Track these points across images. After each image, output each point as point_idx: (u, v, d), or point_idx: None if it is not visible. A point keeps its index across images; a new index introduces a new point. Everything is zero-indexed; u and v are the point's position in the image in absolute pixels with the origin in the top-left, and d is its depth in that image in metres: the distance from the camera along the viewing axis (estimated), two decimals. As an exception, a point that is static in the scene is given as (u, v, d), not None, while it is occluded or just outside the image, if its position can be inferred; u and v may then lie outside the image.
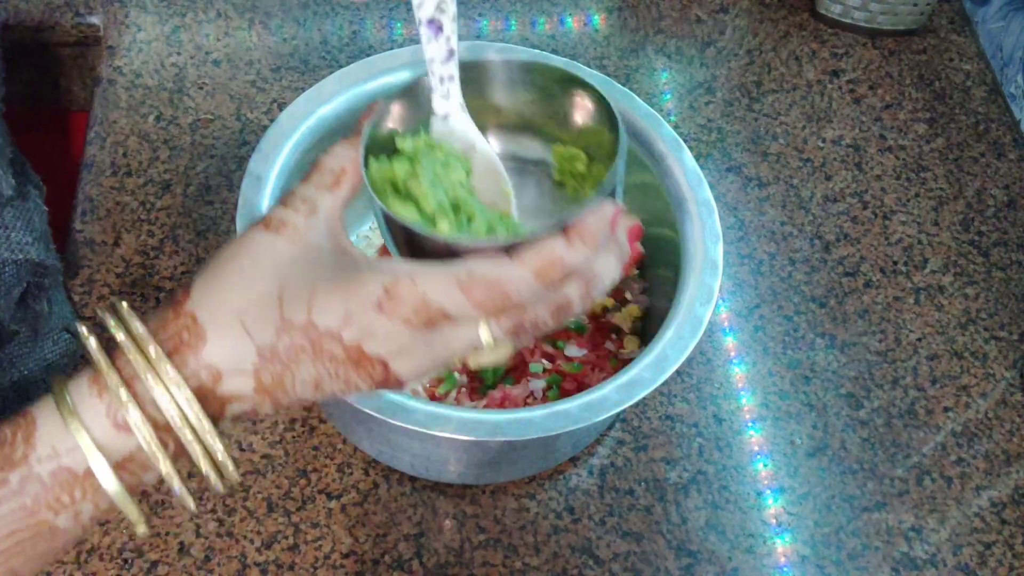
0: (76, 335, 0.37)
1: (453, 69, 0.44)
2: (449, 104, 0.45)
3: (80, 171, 0.78)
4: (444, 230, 0.41)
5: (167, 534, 0.61)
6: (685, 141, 0.64)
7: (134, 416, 0.34)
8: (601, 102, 0.44)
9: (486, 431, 0.52)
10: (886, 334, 0.75)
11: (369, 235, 0.74)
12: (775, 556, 0.64)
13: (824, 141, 0.86)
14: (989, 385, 0.73)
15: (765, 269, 0.78)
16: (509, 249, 0.37)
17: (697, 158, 0.64)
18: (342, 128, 0.63)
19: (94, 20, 0.88)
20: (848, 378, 0.73)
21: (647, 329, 0.68)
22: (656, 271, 0.69)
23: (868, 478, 0.68)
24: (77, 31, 0.89)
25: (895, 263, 0.79)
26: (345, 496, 0.64)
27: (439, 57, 0.44)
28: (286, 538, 0.62)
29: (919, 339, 0.75)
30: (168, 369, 0.34)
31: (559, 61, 0.46)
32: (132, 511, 0.36)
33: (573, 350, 0.66)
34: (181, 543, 0.61)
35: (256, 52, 0.85)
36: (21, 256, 0.62)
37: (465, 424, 0.52)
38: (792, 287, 0.77)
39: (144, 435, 0.34)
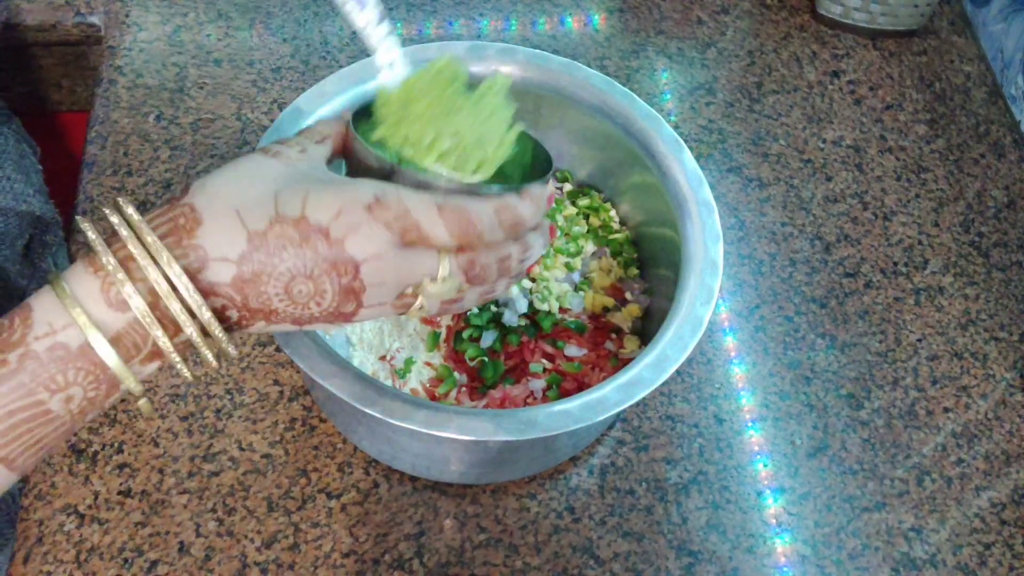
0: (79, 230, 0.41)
1: (387, 28, 0.49)
2: (392, 52, 0.49)
3: (81, 171, 0.78)
4: (429, 164, 0.46)
5: (167, 533, 0.61)
6: (686, 142, 0.64)
7: (128, 290, 0.37)
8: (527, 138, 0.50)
9: (486, 431, 0.52)
10: (886, 335, 0.75)
11: None
12: (775, 556, 0.64)
13: (825, 142, 0.86)
14: (989, 386, 0.73)
15: (765, 269, 0.78)
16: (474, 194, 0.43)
17: (698, 159, 0.64)
18: None
19: (95, 20, 0.88)
20: (848, 378, 0.73)
21: (647, 329, 0.68)
22: (656, 271, 0.69)
23: (868, 478, 0.68)
24: (78, 31, 0.89)
25: (895, 264, 0.79)
26: (345, 495, 0.64)
27: (372, 22, 0.48)
28: (286, 537, 0.62)
29: (919, 340, 0.75)
30: (163, 251, 0.37)
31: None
32: (130, 380, 0.38)
33: (573, 350, 0.66)
34: (181, 542, 0.61)
35: (257, 52, 0.85)
36: (24, 207, 0.62)
37: (465, 424, 0.52)
38: (792, 287, 0.77)
39: (138, 306, 0.37)
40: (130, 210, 0.39)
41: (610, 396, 0.54)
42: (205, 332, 0.39)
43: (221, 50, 0.85)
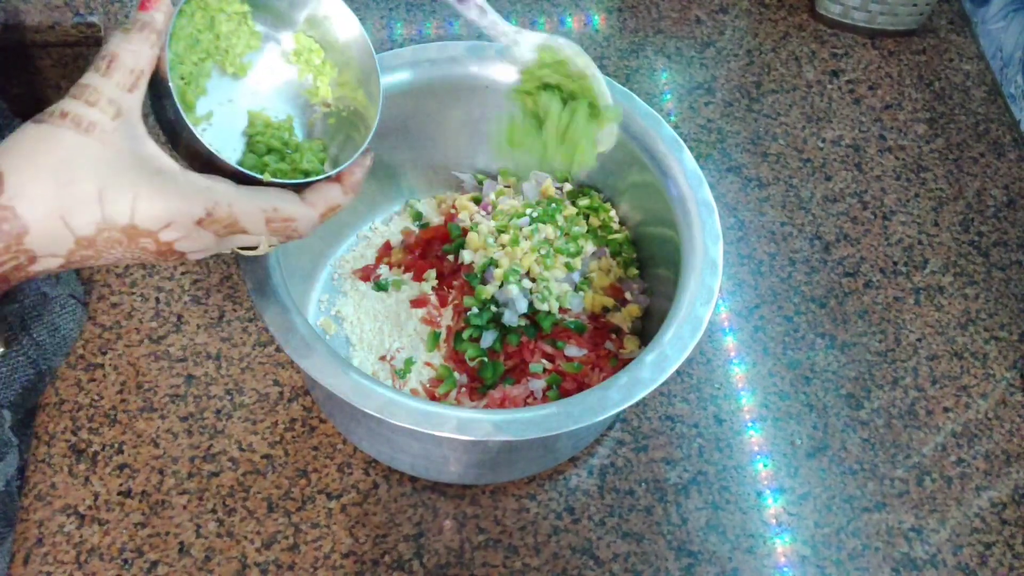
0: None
1: (502, 23, 0.58)
2: (511, 35, 0.59)
3: (80, 171, 0.78)
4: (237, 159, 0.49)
5: (167, 534, 0.61)
6: (685, 141, 0.64)
7: None
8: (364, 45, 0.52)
9: (486, 431, 0.52)
10: (886, 334, 0.75)
11: (369, 235, 0.74)
12: (775, 556, 0.64)
13: (824, 141, 0.86)
14: (989, 385, 0.73)
15: (765, 269, 0.78)
16: (298, 188, 0.47)
17: (697, 158, 0.64)
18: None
19: (94, 20, 0.88)
20: (848, 378, 0.73)
21: (647, 329, 0.68)
22: (656, 271, 0.69)
23: (868, 478, 0.68)
24: (77, 31, 0.88)
25: (895, 263, 0.79)
26: (345, 496, 0.64)
27: (495, 23, 0.58)
28: (286, 538, 0.62)
29: (919, 339, 0.75)
30: None
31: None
32: None
33: (573, 350, 0.66)
34: (181, 543, 0.61)
35: (256, 52, 0.85)
36: None
37: (465, 424, 0.52)
38: (792, 287, 0.77)
39: None
40: None
41: (610, 396, 0.54)
42: None
43: (220, 50, 0.85)
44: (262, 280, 0.56)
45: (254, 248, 0.46)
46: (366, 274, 0.71)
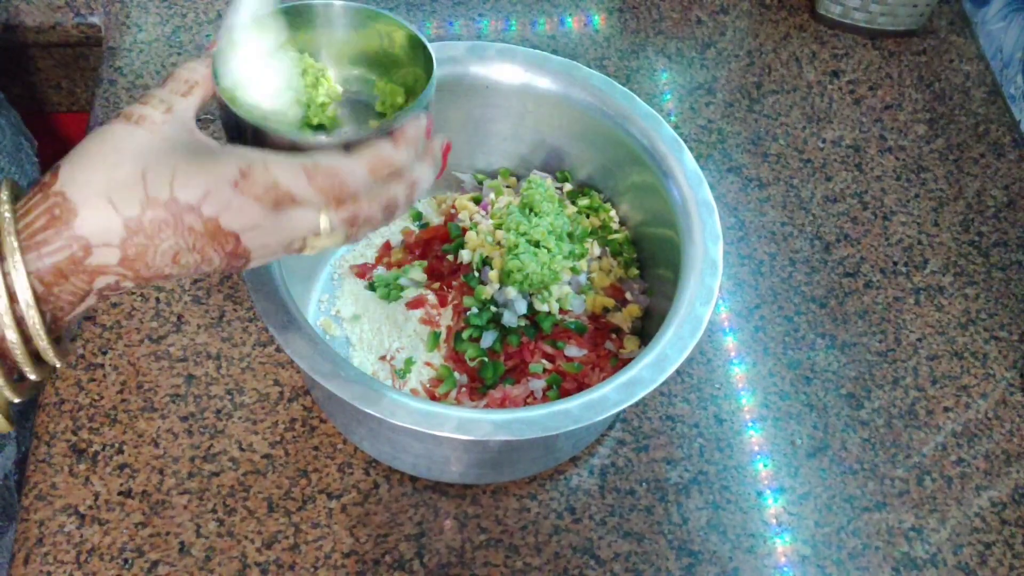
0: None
1: None
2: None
3: (81, 171, 0.78)
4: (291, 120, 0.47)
5: (167, 534, 0.61)
6: (685, 142, 0.64)
7: None
8: (418, 44, 0.49)
9: (486, 431, 0.52)
10: (886, 334, 0.75)
11: (369, 235, 0.74)
12: (776, 556, 0.64)
13: (824, 142, 0.86)
14: (989, 385, 0.73)
15: (765, 269, 0.78)
16: (347, 147, 0.43)
17: (697, 159, 0.64)
18: None
19: (95, 20, 0.88)
20: (848, 378, 0.73)
21: (647, 329, 0.68)
22: (656, 271, 0.69)
23: (868, 478, 0.68)
24: (78, 31, 0.89)
25: (895, 263, 0.79)
26: (346, 496, 0.64)
27: None
28: (287, 538, 0.62)
29: (919, 339, 0.75)
30: (15, 253, 0.38)
31: (385, 12, 0.51)
32: None
33: (573, 350, 0.66)
34: (181, 543, 0.61)
35: (257, 53, 0.85)
36: None
37: (465, 424, 0.52)
38: (792, 287, 0.77)
39: None
40: (4, 195, 0.39)
41: (610, 396, 0.54)
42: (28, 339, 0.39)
43: (221, 51, 0.85)
44: (262, 280, 0.56)
45: (319, 235, 0.43)
46: (363, 271, 0.71)
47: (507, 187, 0.74)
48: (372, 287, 0.71)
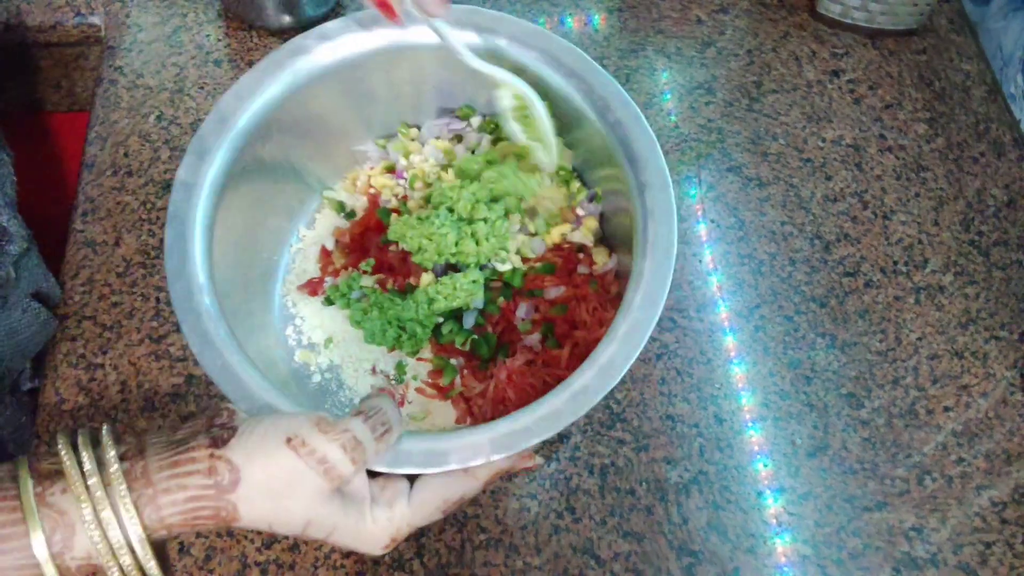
0: (66, 444, 0.42)
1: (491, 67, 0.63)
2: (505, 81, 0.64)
3: (81, 171, 0.78)
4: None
5: (168, 534, 0.61)
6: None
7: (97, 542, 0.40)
8: None
9: (485, 452, 0.50)
10: (886, 334, 0.75)
11: (301, 246, 0.71)
12: (776, 556, 0.64)
13: (824, 141, 0.86)
14: (989, 385, 0.73)
15: (765, 269, 0.78)
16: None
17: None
18: (278, 121, 0.63)
19: (95, 20, 0.88)
20: (849, 378, 0.73)
21: (608, 233, 0.68)
22: (596, 174, 0.69)
23: (869, 478, 0.68)
24: (78, 31, 0.89)
25: (895, 263, 0.79)
26: (346, 496, 0.64)
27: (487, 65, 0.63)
28: (286, 538, 0.62)
29: (919, 339, 0.75)
30: (129, 508, 0.41)
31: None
32: None
33: (552, 291, 0.65)
34: (181, 543, 0.61)
35: (257, 52, 0.85)
36: None
37: (464, 452, 0.50)
38: (792, 287, 0.77)
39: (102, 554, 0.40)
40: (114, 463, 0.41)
41: (591, 385, 0.53)
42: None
43: (221, 50, 0.85)
44: (204, 334, 0.53)
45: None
46: (313, 288, 0.69)
47: (412, 140, 0.72)
48: (330, 300, 0.68)
